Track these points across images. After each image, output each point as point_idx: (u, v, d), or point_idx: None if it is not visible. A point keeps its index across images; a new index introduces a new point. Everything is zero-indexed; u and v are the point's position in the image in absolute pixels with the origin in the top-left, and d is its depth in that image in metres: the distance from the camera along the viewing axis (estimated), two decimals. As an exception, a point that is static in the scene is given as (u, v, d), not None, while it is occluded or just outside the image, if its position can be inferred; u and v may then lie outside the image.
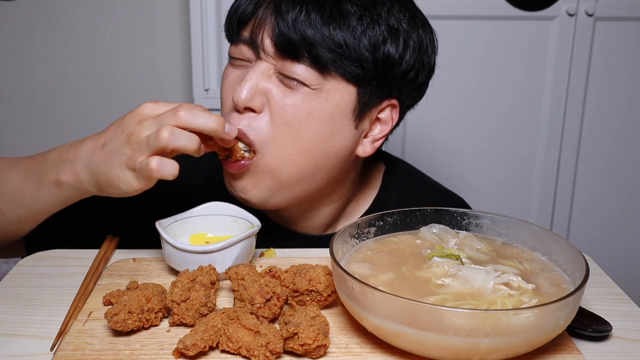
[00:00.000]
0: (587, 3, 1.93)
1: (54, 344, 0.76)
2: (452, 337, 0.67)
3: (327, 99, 0.97)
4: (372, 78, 0.98)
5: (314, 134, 0.97)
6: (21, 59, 2.22)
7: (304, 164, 0.99)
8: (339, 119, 0.98)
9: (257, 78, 0.97)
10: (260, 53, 0.97)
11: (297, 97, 0.96)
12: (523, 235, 0.89)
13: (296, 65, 0.95)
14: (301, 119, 0.96)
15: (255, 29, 0.97)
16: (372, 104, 1.01)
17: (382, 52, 0.97)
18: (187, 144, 0.86)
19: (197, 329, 0.73)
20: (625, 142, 2.11)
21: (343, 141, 1.01)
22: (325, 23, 0.93)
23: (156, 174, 0.84)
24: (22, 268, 0.95)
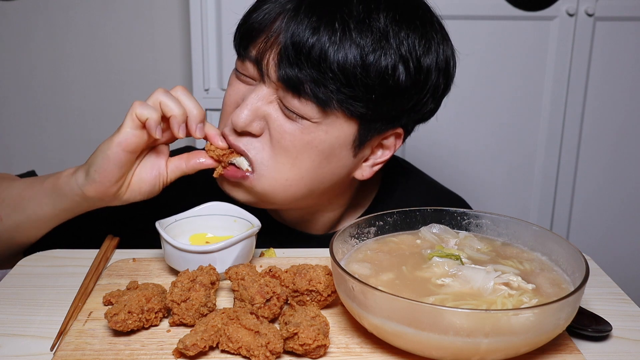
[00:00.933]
0: (587, 3, 1.93)
1: (54, 344, 0.76)
2: (452, 337, 0.67)
3: (327, 132, 0.95)
4: (375, 112, 0.96)
5: (311, 162, 0.97)
6: (21, 59, 2.22)
7: (299, 189, 0.99)
8: (338, 150, 0.98)
9: (258, 102, 0.96)
10: (264, 77, 0.95)
11: (295, 127, 0.95)
12: (523, 235, 0.89)
13: (299, 100, 0.93)
14: (299, 147, 0.95)
15: (263, 51, 0.94)
16: (374, 134, 0.99)
17: (390, 84, 0.93)
18: (174, 106, 0.91)
19: (197, 329, 0.73)
20: (625, 142, 2.11)
21: (340, 168, 1.01)
22: (332, 54, 0.90)
23: (138, 109, 0.90)
24: (22, 268, 0.95)
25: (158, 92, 0.92)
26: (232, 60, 1.88)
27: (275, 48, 0.93)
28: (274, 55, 0.93)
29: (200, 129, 0.94)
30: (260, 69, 0.95)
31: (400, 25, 0.93)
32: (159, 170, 0.96)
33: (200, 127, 0.94)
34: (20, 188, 1.03)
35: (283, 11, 0.94)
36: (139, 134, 0.90)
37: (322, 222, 1.13)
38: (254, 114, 0.96)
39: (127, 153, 0.91)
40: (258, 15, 0.96)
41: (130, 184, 0.95)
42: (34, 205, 0.99)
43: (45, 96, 2.26)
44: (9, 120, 2.27)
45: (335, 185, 1.04)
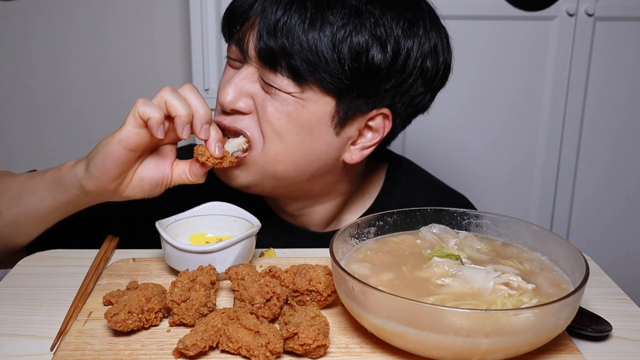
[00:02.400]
0: (587, 3, 1.93)
1: (54, 344, 0.76)
2: (452, 337, 0.67)
3: (304, 106, 0.97)
4: (352, 89, 0.96)
5: (295, 136, 0.99)
6: (21, 59, 2.22)
7: (288, 165, 1.01)
8: (317, 125, 0.99)
9: (242, 81, 0.99)
10: (246, 57, 0.99)
11: (276, 102, 0.98)
12: (523, 235, 0.89)
13: (275, 74, 0.96)
14: (282, 121, 0.98)
15: (244, 32, 0.99)
16: (355, 113, 1.00)
17: (363, 62, 0.94)
18: (179, 106, 0.89)
19: (197, 329, 0.73)
20: (625, 142, 2.11)
21: (324, 146, 1.01)
22: (304, 32, 0.93)
23: (140, 107, 0.88)
24: (22, 268, 0.95)
25: (164, 91, 0.91)
26: (232, 60, 1.88)
27: (254, 28, 0.97)
28: (253, 35, 0.97)
29: (205, 130, 0.92)
30: (241, 49, 0.99)
31: (374, 6, 0.95)
32: (163, 172, 0.95)
33: (205, 128, 0.92)
34: (20, 181, 1.02)
35: None
36: (140, 133, 0.89)
37: (322, 214, 1.13)
38: (239, 92, 0.99)
39: (128, 151, 0.90)
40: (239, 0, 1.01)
41: (131, 182, 0.94)
42: (34, 199, 0.99)
43: (45, 96, 2.26)
44: (9, 120, 2.27)
45: (326, 167, 1.04)
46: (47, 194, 0.97)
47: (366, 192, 1.18)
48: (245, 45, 0.98)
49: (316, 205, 1.12)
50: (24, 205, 1.00)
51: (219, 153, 0.94)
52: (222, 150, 0.95)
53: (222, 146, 0.95)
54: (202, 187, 1.14)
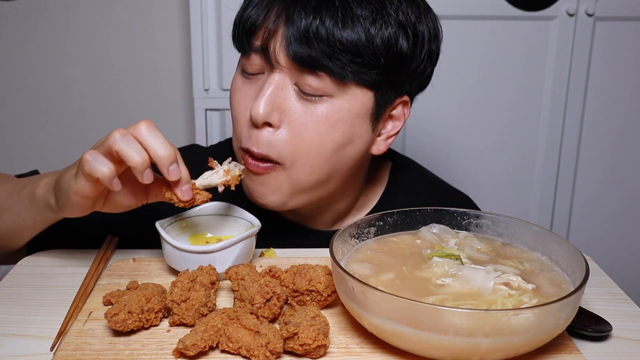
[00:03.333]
0: (587, 3, 1.93)
1: (54, 344, 0.76)
2: (452, 337, 0.67)
3: (350, 109, 0.96)
4: (387, 80, 0.97)
5: (335, 144, 0.97)
6: (21, 59, 2.22)
7: (324, 172, 1.00)
8: (358, 125, 0.99)
9: (273, 91, 0.95)
10: (273, 64, 0.95)
11: (319, 111, 0.95)
12: (523, 235, 0.89)
13: (314, 77, 0.94)
14: (323, 132, 0.96)
15: (267, 39, 0.95)
16: (386, 104, 1.01)
17: (395, 51, 0.95)
18: (133, 153, 0.79)
19: (197, 329, 0.73)
20: (625, 142, 2.11)
21: (361, 145, 1.01)
22: (338, 31, 0.92)
23: (86, 165, 0.78)
24: (22, 268, 0.95)
25: (112, 138, 0.79)
26: (232, 60, 1.88)
27: (279, 33, 0.94)
28: (280, 40, 0.94)
29: (173, 172, 0.82)
30: (267, 57, 0.95)
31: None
32: (136, 198, 0.89)
33: (173, 170, 0.82)
34: (2, 194, 0.99)
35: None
36: (95, 186, 0.81)
37: (332, 214, 1.13)
38: (272, 104, 0.95)
39: (87, 199, 0.83)
40: (254, 8, 0.97)
41: (104, 205, 0.89)
42: (14, 217, 0.96)
43: (45, 96, 2.26)
44: (9, 120, 2.27)
45: (356, 166, 1.05)
46: (26, 214, 0.95)
47: (371, 191, 1.18)
48: (273, 54, 0.94)
49: (328, 206, 1.12)
50: (6, 221, 0.98)
51: (187, 197, 0.85)
52: (189, 194, 0.86)
53: (189, 189, 0.85)
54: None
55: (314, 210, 1.12)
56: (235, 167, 0.89)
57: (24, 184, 0.97)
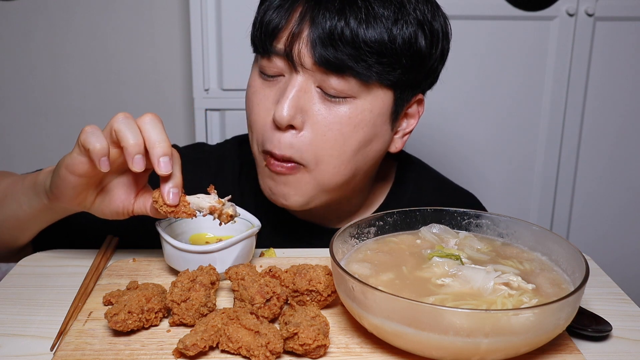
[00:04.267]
0: (587, 3, 1.93)
1: (54, 344, 0.76)
2: (452, 337, 0.67)
3: (372, 110, 0.97)
4: (407, 79, 0.98)
5: (358, 143, 0.98)
6: (21, 59, 2.22)
7: (347, 172, 1.01)
8: (380, 124, 1.00)
9: (296, 94, 0.96)
10: (297, 67, 0.95)
11: (342, 112, 0.96)
12: (523, 235, 0.89)
13: (338, 79, 0.94)
14: (346, 133, 0.97)
15: (291, 41, 0.95)
16: (404, 103, 1.02)
17: (415, 50, 0.96)
18: (129, 134, 0.78)
19: (197, 329, 0.73)
20: (625, 142, 2.11)
21: (381, 144, 1.03)
22: (362, 32, 0.92)
23: (83, 135, 0.78)
24: (22, 268, 0.95)
25: (116, 118, 0.80)
26: (232, 60, 1.89)
27: (304, 36, 0.94)
28: (304, 43, 0.94)
29: (165, 163, 0.80)
30: (291, 60, 0.95)
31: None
32: (124, 203, 0.87)
33: (165, 162, 0.80)
34: (4, 184, 1.00)
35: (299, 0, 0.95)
36: (85, 161, 0.80)
37: (342, 212, 1.14)
38: (295, 106, 0.95)
39: (77, 177, 0.82)
40: (276, 10, 0.97)
41: (93, 203, 0.87)
42: (14, 204, 0.96)
43: (45, 96, 2.26)
44: (9, 120, 2.27)
45: (376, 164, 1.06)
46: (25, 200, 0.94)
47: (379, 188, 1.19)
48: (297, 56, 0.94)
49: (341, 204, 1.12)
50: (6, 210, 0.97)
51: (173, 200, 0.82)
52: (176, 198, 0.82)
53: (177, 192, 0.82)
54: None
55: (327, 209, 1.12)
56: (231, 207, 0.86)
57: (30, 174, 0.98)
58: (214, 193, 0.85)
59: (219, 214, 0.85)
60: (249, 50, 1.04)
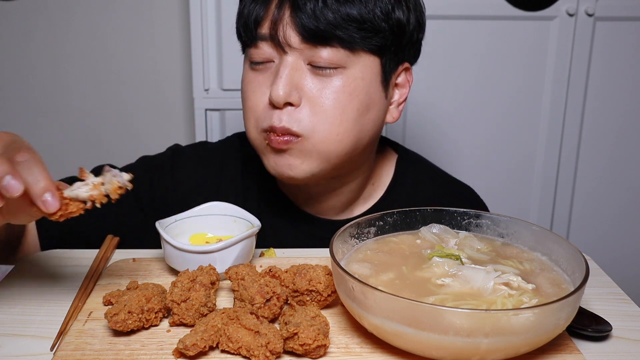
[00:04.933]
0: (587, 3, 1.93)
1: (54, 344, 0.76)
2: (452, 337, 0.67)
3: (363, 77, 1.01)
4: (391, 45, 1.03)
5: (356, 111, 1.02)
6: (21, 59, 2.22)
7: (349, 141, 1.03)
8: (373, 92, 1.03)
9: (289, 72, 0.99)
10: (285, 48, 0.99)
11: (335, 83, 1.00)
12: (523, 235, 0.89)
13: (326, 50, 0.98)
14: (343, 101, 1.00)
15: (275, 25, 0.99)
16: (392, 70, 1.06)
17: (394, 19, 1.01)
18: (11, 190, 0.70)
19: (197, 329, 0.73)
20: (625, 142, 2.11)
21: (378, 111, 1.06)
22: (341, 5, 0.96)
23: None
24: (22, 268, 0.95)
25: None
26: (232, 60, 1.88)
27: (286, 18, 0.98)
28: (288, 24, 0.98)
29: (50, 199, 0.72)
30: (278, 42, 0.99)
31: None
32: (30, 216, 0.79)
33: (48, 197, 0.72)
34: None
35: None
36: None
37: (341, 198, 1.15)
38: (290, 85, 0.99)
39: None
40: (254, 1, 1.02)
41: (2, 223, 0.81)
42: None
43: (45, 96, 2.26)
44: (9, 120, 2.27)
45: (375, 135, 1.09)
46: None
47: (378, 179, 1.20)
48: (283, 37, 0.99)
49: (339, 188, 1.14)
50: None
51: (53, 205, 0.72)
52: (56, 201, 0.73)
53: (53, 195, 0.73)
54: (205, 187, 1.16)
55: (325, 193, 1.13)
56: (114, 177, 0.76)
57: None
58: (87, 176, 0.76)
59: (103, 197, 0.76)
60: (248, 51, 1.05)
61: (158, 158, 1.21)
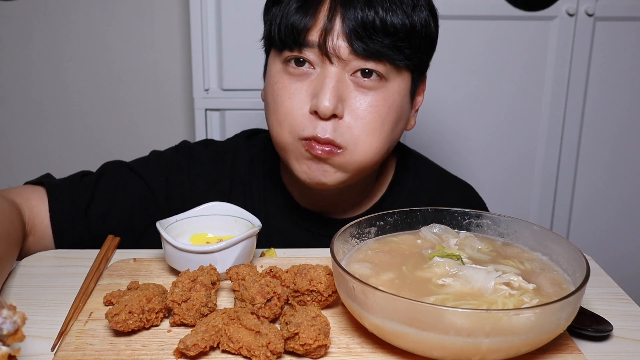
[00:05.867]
0: (587, 3, 1.93)
1: (55, 344, 0.76)
2: (453, 337, 0.67)
3: (399, 92, 1.03)
4: (421, 59, 1.05)
5: (392, 124, 1.04)
6: (21, 59, 2.22)
7: (382, 151, 1.05)
8: (405, 103, 1.06)
9: (336, 85, 0.99)
10: (332, 58, 0.99)
11: (376, 97, 1.01)
12: (524, 235, 0.89)
13: (373, 66, 0.99)
14: (383, 114, 1.01)
15: (324, 35, 0.98)
16: (418, 82, 1.08)
17: (429, 32, 1.03)
18: None
19: (197, 329, 0.73)
20: (625, 142, 2.11)
21: (404, 122, 1.09)
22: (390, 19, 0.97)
23: None
24: (23, 268, 0.95)
25: None
26: (232, 60, 1.88)
27: (337, 29, 0.98)
28: (339, 36, 0.98)
29: None
30: (326, 53, 0.99)
31: None
32: None
33: None
34: None
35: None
36: None
37: (349, 198, 1.16)
38: (336, 95, 0.99)
39: None
40: (300, 9, 1.00)
41: None
42: None
43: (45, 96, 2.26)
44: (9, 120, 2.27)
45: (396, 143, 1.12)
46: None
47: (381, 177, 1.20)
48: (332, 49, 0.98)
49: (348, 189, 1.14)
50: None
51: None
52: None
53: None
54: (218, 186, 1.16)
55: (335, 193, 1.13)
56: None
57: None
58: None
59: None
60: (249, 51, 1.05)
61: (173, 155, 1.21)
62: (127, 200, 1.13)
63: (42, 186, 1.10)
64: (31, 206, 1.06)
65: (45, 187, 1.09)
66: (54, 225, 1.07)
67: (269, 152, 1.19)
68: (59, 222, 1.07)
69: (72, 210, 1.09)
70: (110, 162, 1.19)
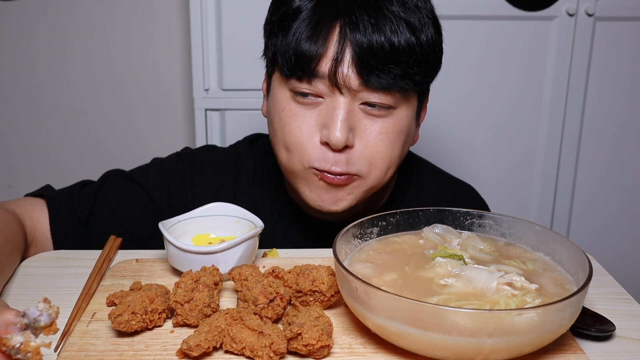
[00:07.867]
0: (587, 3, 1.93)
1: (58, 344, 0.76)
2: (456, 337, 0.67)
3: (407, 116, 1.03)
4: (428, 80, 1.05)
5: (402, 146, 1.04)
6: (21, 59, 2.22)
7: (391, 172, 1.06)
8: (412, 124, 1.06)
9: (346, 115, 0.98)
10: (342, 89, 0.97)
11: (386, 124, 1.00)
12: (526, 235, 0.89)
13: (383, 96, 0.98)
14: (393, 140, 1.01)
15: (334, 65, 0.96)
16: (423, 100, 1.09)
17: (436, 50, 1.02)
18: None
19: (200, 330, 0.73)
20: (625, 142, 2.11)
21: (411, 140, 1.09)
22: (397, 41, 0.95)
23: None
24: (25, 269, 0.95)
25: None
26: (232, 60, 1.88)
27: (347, 59, 0.96)
28: (349, 66, 0.96)
29: None
30: (335, 83, 0.97)
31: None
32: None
33: None
34: None
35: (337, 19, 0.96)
36: None
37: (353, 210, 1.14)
38: (347, 127, 0.98)
39: None
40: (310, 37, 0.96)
41: None
42: None
43: (45, 96, 2.26)
44: (9, 120, 2.27)
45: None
46: None
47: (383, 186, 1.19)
48: (342, 80, 0.96)
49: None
50: None
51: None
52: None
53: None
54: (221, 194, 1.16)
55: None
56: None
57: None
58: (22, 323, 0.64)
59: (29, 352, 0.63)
60: (249, 51, 1.04)
61: (174, 163, 1.19)
62: (128, 210, 1.12)
63: (43, 198, 1.10)
64: (32, 218, 1.06)
65: (45, 198, 1.09)
66: (55, 237, 1.07)
67: (271, 157, 1.18)
68: (60, 234, 1.08)
69: (73, 222, 1.09)
70: (111, 172, 1.18)
